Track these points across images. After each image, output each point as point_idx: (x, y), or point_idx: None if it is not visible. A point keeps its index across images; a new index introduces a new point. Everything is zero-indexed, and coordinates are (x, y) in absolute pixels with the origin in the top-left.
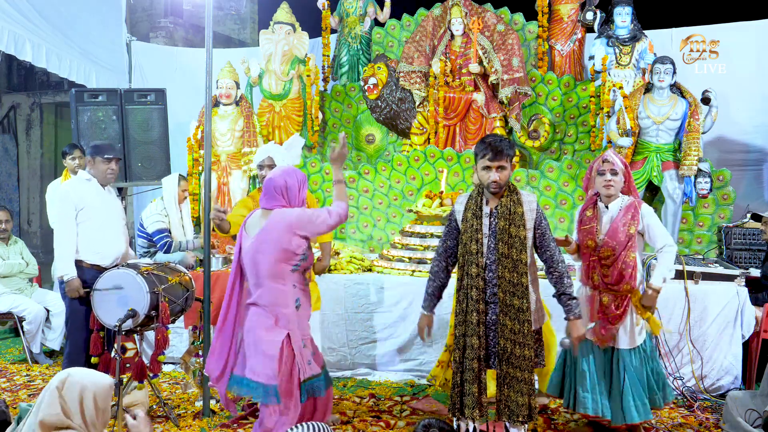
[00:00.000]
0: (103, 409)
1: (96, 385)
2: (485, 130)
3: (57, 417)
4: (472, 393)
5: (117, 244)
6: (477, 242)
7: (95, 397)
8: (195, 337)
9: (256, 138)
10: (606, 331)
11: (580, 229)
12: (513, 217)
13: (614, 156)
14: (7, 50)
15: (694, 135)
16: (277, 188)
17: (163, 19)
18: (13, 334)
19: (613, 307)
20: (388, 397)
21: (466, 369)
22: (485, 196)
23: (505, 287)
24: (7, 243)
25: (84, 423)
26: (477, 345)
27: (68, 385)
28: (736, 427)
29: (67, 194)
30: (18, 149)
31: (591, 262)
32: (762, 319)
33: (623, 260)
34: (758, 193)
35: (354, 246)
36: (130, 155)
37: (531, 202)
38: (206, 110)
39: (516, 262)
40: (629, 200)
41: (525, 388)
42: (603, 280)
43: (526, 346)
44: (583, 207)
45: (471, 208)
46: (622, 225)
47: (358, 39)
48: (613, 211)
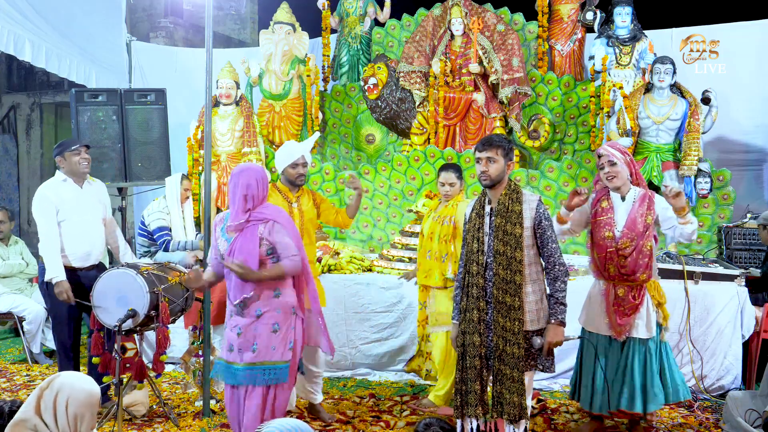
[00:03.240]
0: (77, 416)
1: (73, 389)
2: (485, 130)
3: (28, 414)
4: (474, 391)
5: (91, 246)
6: (478, 240)
7: (68, 402)
8: (195, 337)
9: (256, 138)
10: (624, 321)
11: (595, 221)
12: (510, 215)
13: (609, 148)
14: (7, 50)
15: (694, 135)
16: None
17: (163, 19)
18: (13, 334)
19: (630, 298)
20: (388, 397)
21: (467, 367)
22: (488, 195)
23: (498, 284)
24: (7, 243)
25: (55, 425)
26: (478, 343)
27: (52, 385)
28: (736, 427)
29: (44, 196)
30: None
31: (608, 254)
32: (762, 319)
33: (640, 249)
34: (758, 193)
35: (354, 246)
36: (130, 155)
37: (532, 201)
38: (206, 110)
39: (510, 260)
40: (641, 191)
41: (515, 387)
42: (620, 270)
43: (516, 345)
44: (595, 199)
45: (476, 208)
46: (639, 216)
47: (358, 39)
48: (629, 202)
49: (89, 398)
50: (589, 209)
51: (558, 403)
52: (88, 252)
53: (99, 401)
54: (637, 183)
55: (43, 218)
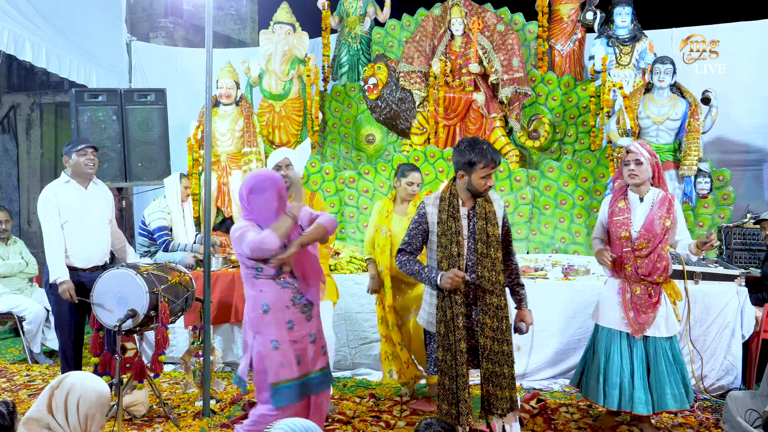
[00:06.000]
0: (88, 416)
1: (84, 389)
2: (485, 130)
3: (41, 413)
4: (464, 400)
5: (96, 247)
6: (458, 244)
7: (79, 401)
8: (195, 337)
9: (256, 138)
10: (643, 320)
11: (612, 221)
12: (489, 217)
13: (639, 147)
14: (7, 50)
15: (694, 135)
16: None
17: (163, 19)
18: (13, 334)
19: (647, 296)
20: (388, 397)
21: (458, 375)
22: (460, 197)
23: (485, 286)
24: (7, 243)
25: (67, 424)
26: (465, 349)
27: (63, 384)
28: (736, 427)
29: (47, 198)
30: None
31: (624, 254)
32: (762, 319)
33: (658, 252)
34: (758, 193)
35: (354, 246)
36: (130, 155)
37: (498, 200)
38: (206, 110)
39: (494, 261)
40: (662, 194)
41: (505, 383)
42: (636, 271)
43: (505, 342)
44: (613, 198)
45: (446, 209)
46: (658, 218)
47: (358, 39)
48: (648, 203)
49: (100, 398)
50: (605, 219)
51: (558, 403)
52: (92, 253)
53: (109, 401)
54: (658, 185)
55: (46, 220)
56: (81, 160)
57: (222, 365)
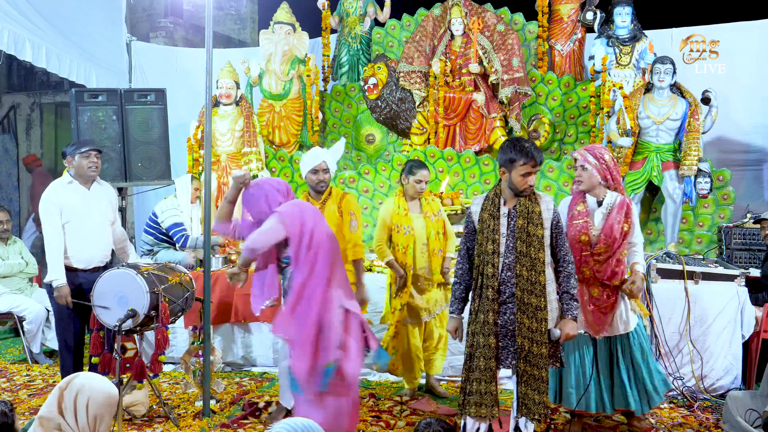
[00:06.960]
0: (96, 416)
1: (93, 390)
2: (485, 130)
3: (52, 413)
4: (489, 392)
5: (96, 249)
6: (494, 242)
7: (88, 402)
8: (195, 337)
9: (256, 138)
10: (599, 321)
11: (571, 224)
12: (531, 216)
13: (584, 152)
14: (7, 50)
15: (694, 135)
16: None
17: (163, 19)
18: (13, 334)
19: (605, 297)
20: (388, 397)
21: (477, 368)
22: (503, 196)
23: (523, 285)
24: (7, 243)
25: (76, 425)
26: (494, 344)
27: (71, 385)
28: (736, 427)
29: (48, 198)
30: (18, 149)
31: (583, 257)
32: (762, 319)
33: (617, 257)
34: (758, 193)
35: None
36: (130, 155)
37: (548, 202)
38: (206, 110)
39: (534, 261)
40: (620, 198)
41: (542, 387)
42: (595, 274)
43: (542, 344)
44: (572, 202)
45: (488, 209)
46: (616, 223)
47: (358, 39)
48: (606, 207)
49: (108, 399)
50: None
51: (557, 403)
52: (92, 255)
53: (116, 402)
54: (615, 189)
55: (47, 220)
56: (84, 162)
57: (222, 365)
